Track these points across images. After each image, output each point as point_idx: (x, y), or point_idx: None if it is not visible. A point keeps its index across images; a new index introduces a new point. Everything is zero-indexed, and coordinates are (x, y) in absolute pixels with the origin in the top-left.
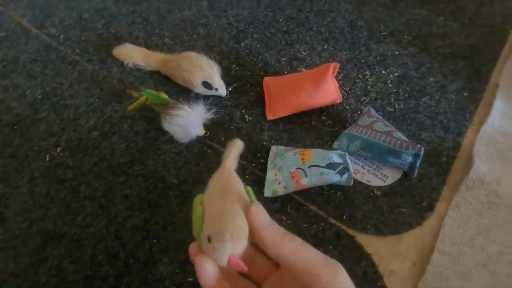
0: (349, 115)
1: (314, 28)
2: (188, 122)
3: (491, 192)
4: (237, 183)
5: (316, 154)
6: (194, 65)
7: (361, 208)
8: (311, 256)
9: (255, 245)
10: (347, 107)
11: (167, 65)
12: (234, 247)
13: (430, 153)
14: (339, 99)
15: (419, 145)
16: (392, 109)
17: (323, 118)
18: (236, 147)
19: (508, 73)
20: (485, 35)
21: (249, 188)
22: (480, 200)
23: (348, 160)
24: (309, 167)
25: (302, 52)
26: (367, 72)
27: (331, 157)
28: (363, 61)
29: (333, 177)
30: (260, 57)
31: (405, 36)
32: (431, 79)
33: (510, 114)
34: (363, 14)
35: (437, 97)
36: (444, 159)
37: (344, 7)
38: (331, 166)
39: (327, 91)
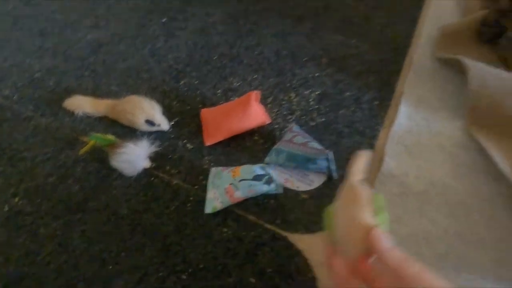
0: (277, 133)
1: (245, 61)
2: (133, 157)
3: (401, 184)
4: (359, 194)
5: (244, 170)
6: (137, 107)
7: (292, 211)
8: (430, 278)
9: None
10: (276, 126)
11: (113, 110)
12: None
13: (349, 156)
14: (267, 120)
15: (327, 151)
16: (314, 123)
17: (256, 138)
18: (357, 162)
19: (410, 82)
20: (391, 52)
21: (378, 196)
22: (392, 192)
23: (270, 171)
24: (239, 181)
25: (235, 84)
26: (292, 94)
27: (256, 170)
28: (288, 85)
29: (261, 187)
30: (198, 92)
31: (324, 59)
32: (347, 94)
33: (413, 116)
34: (287, 44)
35: (352, 108)
36: None
37: (270, 40)
38: (257, 178)
39: (254, 115)
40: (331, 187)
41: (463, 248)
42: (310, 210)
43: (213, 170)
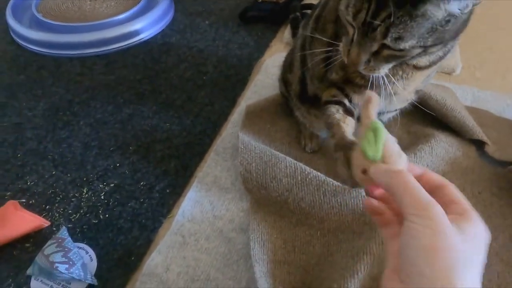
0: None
1: (49, 156)
2: None
3: (160, 282)
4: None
5: None
6: None
7: None
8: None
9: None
10: (54, 229)
11: None
12: None
13: (117, 256)
14: (45, 223)
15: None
16: (96, 221)
17: (27, 245)
18: (370, 106)
19: (211, 162)
20: (200, 133)
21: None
22: None
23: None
24: None
25: (29, 183)
26: (85, 189)
27: None
28: (85, 179)
29: None
30: None
31: (131, 147)
32: (142, 183)
33: (201, 201)
34: (99, 134)
35: (142, 199)
36: (133, 258)
37: (84, 131)
38: None
39: (17, 223)
40: None
41: None
42: None
43: None
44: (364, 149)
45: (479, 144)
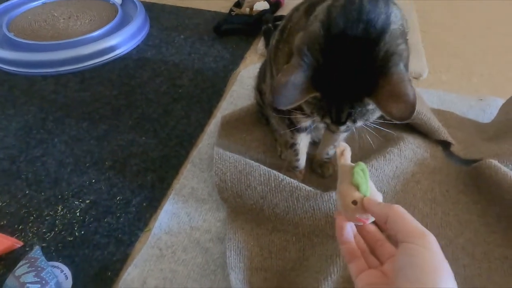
0: None
1: (22, 176)
2: None
3: None
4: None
5: None
6: None
7: None
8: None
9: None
10: (27, 249)
11: None
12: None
13: (93, 272)
14: (18, 244)
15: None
16: (72, 238)
17: None
18: (345, 153)
19: (188, 173)
20: (176, 145)
21: (360, 166)
22: None
23: None
24: None
25: (0, 204)
26: (60, 207)
27: None
28: (59, 196)
29: None
30: None
31: (107, 162)
32: (118, 198)
33: (178, 213)
34: (74, 151)
35: (118, 214)
36: (109, 273)
37: (58, 148)
38: None
39: None
40: None
41: None
42: None
43: None
44: (357, 184)
45: (445, 145)
